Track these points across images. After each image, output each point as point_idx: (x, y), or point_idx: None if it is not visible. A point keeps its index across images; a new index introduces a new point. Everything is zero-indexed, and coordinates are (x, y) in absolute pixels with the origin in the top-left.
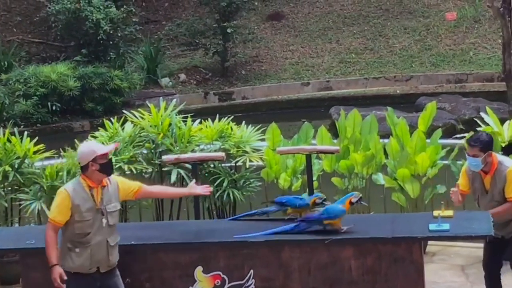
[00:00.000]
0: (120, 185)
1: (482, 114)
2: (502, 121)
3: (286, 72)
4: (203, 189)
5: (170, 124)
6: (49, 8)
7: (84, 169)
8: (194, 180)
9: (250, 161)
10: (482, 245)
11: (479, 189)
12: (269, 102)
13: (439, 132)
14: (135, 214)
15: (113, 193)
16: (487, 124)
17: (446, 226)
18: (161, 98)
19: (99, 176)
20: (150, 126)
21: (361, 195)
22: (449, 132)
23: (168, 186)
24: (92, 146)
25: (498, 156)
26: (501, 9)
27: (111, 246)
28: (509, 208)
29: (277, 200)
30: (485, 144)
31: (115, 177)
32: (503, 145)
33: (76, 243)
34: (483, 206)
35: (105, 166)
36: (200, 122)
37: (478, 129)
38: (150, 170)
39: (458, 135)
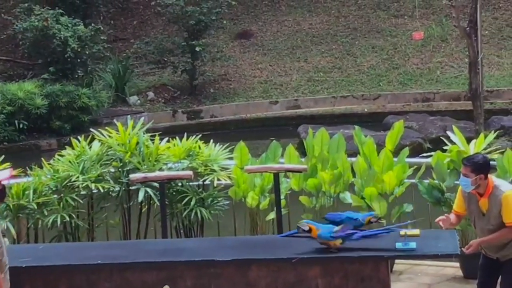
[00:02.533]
0: None
1: (449, 133)
2: (469, 140)
3: (255, 91)
4: None
5: (137, 143)
6: (17, 25)
7: None
8: None
9: (218, 179)
10: (448, 263)
11: (475, 211)
12: (237, 120)
13: (406, 151)
14: (102, 233)
15: None
16: (454, 143)
17: (412, 245)
18: (128, 116)
19: None
20: (118, 145)
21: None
22: (416, 151)
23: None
24: None
25: (496, 180)
26: (468, 28)
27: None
28: (507, 233)
29: (328, 217)
30: (477, 166)
31: None
32: None
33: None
34: (480, 228)
35: (2, 193)
36: (168, 141)
37: (445, 147)
38: (117, 188)
39: (425, 154)
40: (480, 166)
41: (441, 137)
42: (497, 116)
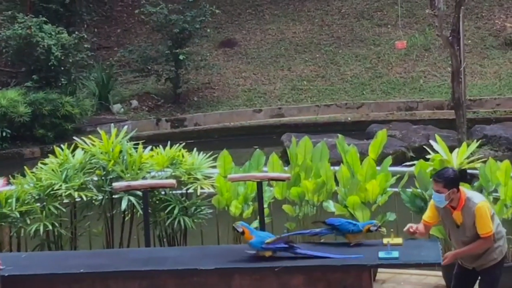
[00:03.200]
0: None
1: (432, 142)
2: (452, 149)
3: (238, 99)
4: None
5: (121, 151)
6: (0, 33)
7: None
8: None
9: (201, 188)
10: (431, 272)
11: (449, 224)
12: (221, 129)
13: (389, 159)
14: (85, 242)
15: None
16: (437, 152)
17: (395, 254)
18: (112, 124)
19: None
20: (101, 153)
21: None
22: (399, 160)
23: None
24: None
25: (467, 192)
26: (450, 38)
27: None
28: (482, 244)
29: (328, 222)
30: (449, 181)
31: None
32: None
33: None
34: (455, 240)
35: None
36: (152, 149)
37: (428, 156)
38: (100, 197)
39: (408, 163)
40: (452, 181)
41: (424, 146)
42: (479, 125)
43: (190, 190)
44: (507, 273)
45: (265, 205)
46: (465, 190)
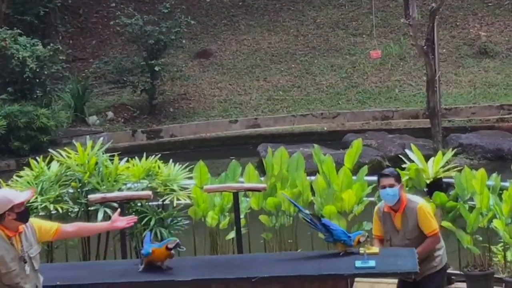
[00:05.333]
0: (36, 226)
1: (407, 151)
2: (427, 158)
3: (214, 110)
4: (126, 222)
5: (96, 163)
6: None
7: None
8: (118, 211)
9: (178, 199)
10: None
11: (390, 229)
12: (197, 139)
13: (365, 169)
14: (61, 254)
15: (31, 237)
16: (412, 161)
17: (372, 263)
18: (87, 136)
19: (16, 224)
20: (77, 165)
21: (178, 241)
22: (375, 169)
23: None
24: (7, 195)
25: (407, 195)
26: (425, 47)
27: None
28: (432, 242)
29: (324, 221)
30: (398, 176)
31: (31, 221)
32: (428, 181)
33: None
34: (396, 246)
35: (22, 215)
36: (127, 161)
37: (404, 166)
38: (76, 209)
39: None
40: (399, 176)
41: (399, 155)
42: (455, 134)
43: (167, 201)
44: (475, 281)
45: (242, 216)
46: (405, 193)
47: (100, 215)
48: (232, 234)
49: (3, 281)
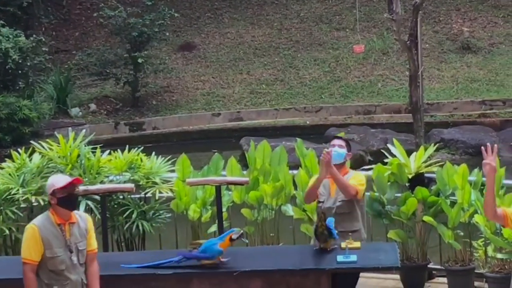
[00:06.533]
0: (89, 225)
1: (390, 146)
2: (409, 152)
3: (197, 103)
4: None
5: (78, 155)
6: None
7: (49, 203)
8: None
9: (160, 192)
10: (389, 276)
11: (325, 194)
12: (180, 132)
13: (348, 164)
14: None
15: (84, 231)
16: (395, 156)
17: (353, 258)
18: (70, 128)
19: (62, 211)
20: (59, 157)
21: (242, 231)
22: (358, 163)
23: None
24: (52, 180)
25: (348, 167)
26: (408, 42)
27: (85, 284)
28: (352, 186)
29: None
30: (349, 145)
31: (88, 217)
32: (410, 176)
33: (53, 282)
34: (327, 208)
35: (64, 200)
36: (110, 153)
37: (386, 160)
38: None
39: (366, 167)
40: (349, 146)
41: (382, 150)
42: (437, 128)
43: (149, 194)
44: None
45: (224, 209)
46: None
47: (82, 208)
48: (214, 228)
49: (47, 265)
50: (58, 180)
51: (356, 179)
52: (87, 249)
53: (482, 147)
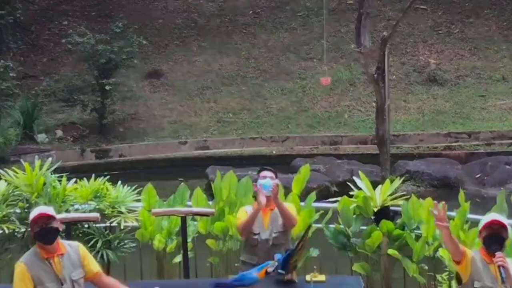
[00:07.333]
0: (82, 252)
1: (355, 178)
2: (375, 184)
3: (164, 131)
4: None
5: (44, 183)
6: None
7: None
8: None
9: (125, 221)
10: None
11: (259, 225)
12: (146, 160)
13: (313, 195)
14: (7, 275)
15: (76, 259)
16: (360, 188)
17: None
18: (36, 156)
19: (43, 245)
20: (24, 185)
21: (276, 263)
22: (323, 194)
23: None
24: (31, 213)
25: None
26: (376, 75)
27: None
28: (294, 216)
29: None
30: (276, 174)
31: (79, 245)
32: (375, 209)
33: None
34: (265, 240)
35: (39, 235)
36: (76, 181)
37: (352, 192)
38: (23, 230)
39: (332, 199)
40: (277, 176)
41: (347, 182)
42: (403, 160)
43: (114, 224)
44: None
45: (189, 240)
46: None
47: None
48: (179, 258)
49: None
50: (32, 214)
51: (292, 208)
52: (89, 274)
53: (432, 211)
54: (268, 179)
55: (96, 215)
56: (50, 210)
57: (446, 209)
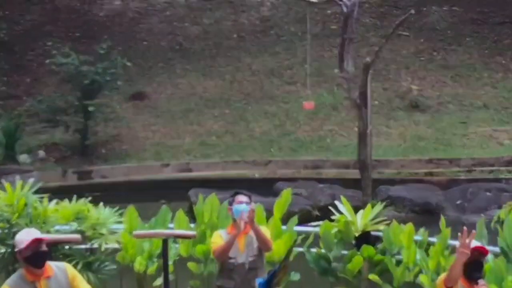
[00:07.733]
0: (70, 274)
1: (337, 203)
2: (357, 209)
3: (147, 153)
4: None
5: (26, 204)
6: None
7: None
8: None
9: (106, 243)
10: None
11: (235, 249)
12: (128, 182)
13: (295, 219)
14: None
15: (63, 283)
16: (342, 213)
17: None
18: (18, 176)
19: (31, 268)
20: (5, 205)
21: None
22: (305, 218)
23: None
24: (18, 237)
25: None
26: (358, 100)
27: None
28: (270, 241)
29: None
30: (251, 199)
31: (67, 266)
32: (356, 234)
33: None
34: (241, 264)
35: (30, 259)
36: (57, 202)
37: (333, 217)
38: (3, 250)
39: (313, 223)
40: (251, 200)
41: (329, 206)
42: (384, 185)
43: (95, 245)
44: None
45: (170, 262)
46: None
47: None
48: (159, 281)
49: None
50: (22, 240)
51: (267, 232)
52: None
53: (459, 233)
54: (244, 205)
55: (77, 236)
56: (38, 233)
57: (474, 237)
